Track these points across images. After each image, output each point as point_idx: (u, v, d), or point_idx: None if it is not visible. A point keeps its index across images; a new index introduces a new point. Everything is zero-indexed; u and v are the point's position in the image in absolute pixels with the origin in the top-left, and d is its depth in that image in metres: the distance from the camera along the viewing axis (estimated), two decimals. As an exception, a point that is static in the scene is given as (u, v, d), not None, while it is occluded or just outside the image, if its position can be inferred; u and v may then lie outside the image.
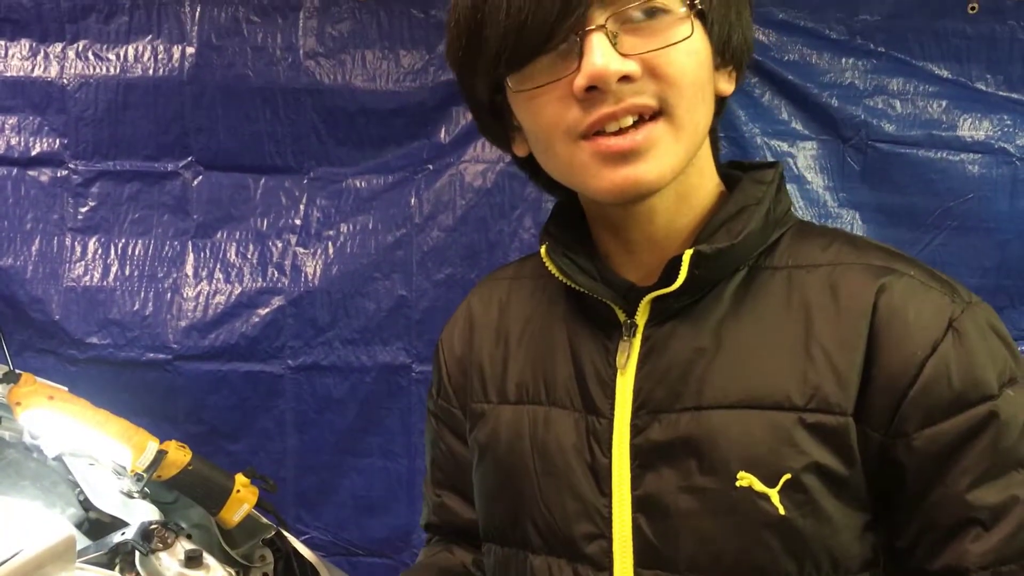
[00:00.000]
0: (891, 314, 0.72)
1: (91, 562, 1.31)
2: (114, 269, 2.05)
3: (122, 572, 1.33)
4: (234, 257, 2.05)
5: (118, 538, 1.36)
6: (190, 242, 2.06)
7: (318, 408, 2.06)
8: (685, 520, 0.74)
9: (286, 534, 1.60)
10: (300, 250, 2.05)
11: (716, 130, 0.86)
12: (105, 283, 2.04)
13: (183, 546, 1.34)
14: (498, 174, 2.01)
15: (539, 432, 0.83)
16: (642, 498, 0.76)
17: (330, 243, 2.05)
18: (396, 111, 2.01)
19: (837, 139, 1.95)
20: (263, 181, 2.06)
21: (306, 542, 1.69)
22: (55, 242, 2.05)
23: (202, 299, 2.04)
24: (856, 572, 0.73)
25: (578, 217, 0.87)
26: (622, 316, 0.80)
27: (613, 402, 0.78)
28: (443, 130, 2.03)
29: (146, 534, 1.34)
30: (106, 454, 1.49)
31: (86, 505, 1.54)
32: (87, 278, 2.04)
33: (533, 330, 0.89)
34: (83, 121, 2.02)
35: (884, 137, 1.92)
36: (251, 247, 2.06)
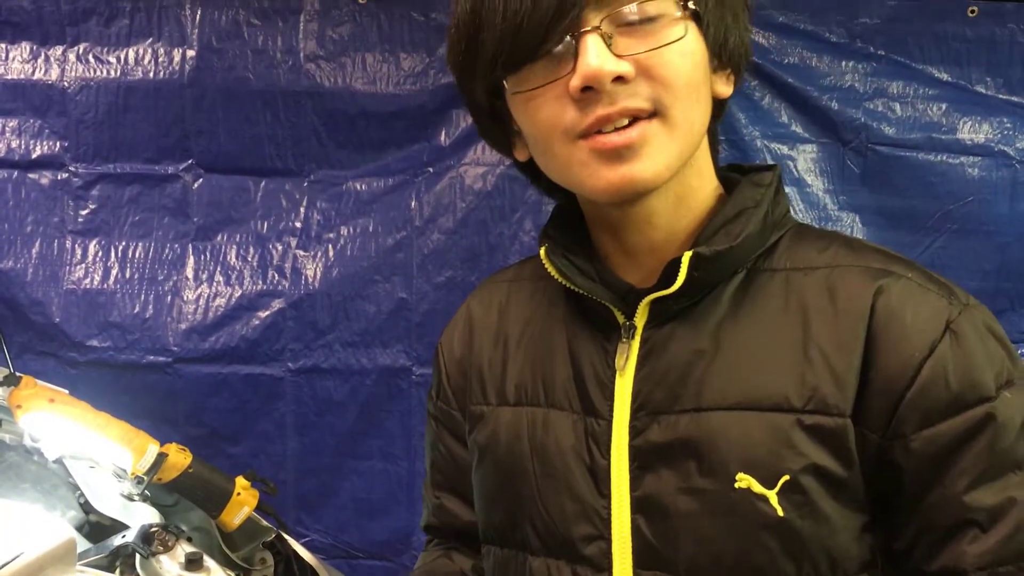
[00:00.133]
0: (889, 316, 0.72)
1: (91, 565, 1.31)
2: (114, 272, 2.05)
3: (122, 575, 1.33)
4: (234, 260, 2.05)
5: (118, 541, 1.36)
6: (190, 245, 2.06)
7: (318, 411, 2.06)
8: (684, 521, 0.74)
9: (286, 537, 1.60)
10: (300, 253, 2.05)
11: (716, 133, 0.87)
12: (105, 286, 2.04)
13: (183, 549, 1.34)
14: (498, 177, 2.01)
15: (538, 434, 0.83)
16: (641, 499, 0.76)
17: (330, 246, 2.05)
18: (396, 114, 2.02)
19: (837, 142, 1.95)
20: (263, 184, 2.06)
21: (306, 545, 1.70)
22: (55, 245, 2.05)
23: (202, 302, 2.04)
24: (854, 573, 0.73)
25: (577, 219, 0.88)
26: (621, 318, 0.80)
27: (612, 404, 0.79)
28: (443, 133, 2.03)
29: (146, 537, 1.34)
30: (106, 457, 1.48)
31: (86, 508, 1.54)
32: (87, 281, 2.04)
33: (532, 332, 0.89)
34: (83, 124, 2.02)
35: (884, 140, 1.92)
36: (251, 250, 2.06)
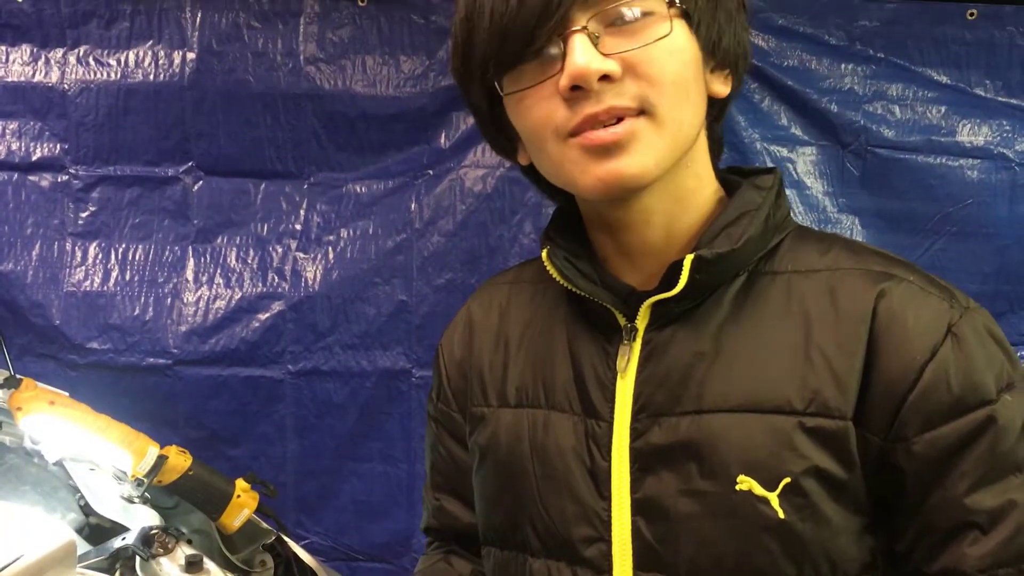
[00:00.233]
0: (891, 319, 0.72)
1: (92, 567, 1.30)
2: (114, 274, 2.05)
3: (122, 577, 1.34)
4: (234, 262, 2.05)
5: (118, 543, 1.36)
6: (190, 247, 2.06)
7: (318, 413, 2.06)
8: (685, 523, 0.74)
9: (286, 539, 1.60)
10: (300, 255, 2.05)
11: (718, 137, 0.87)
12: (105, 288, 2.04)
13: (183, 551, 1.34)
14: (498, 179, 2.01)
15: (539, 435, 0.83)
16: (642, 501, 0.76)
17: (330, 248, 2.05)
18: (396, 116, 2.02)
19: (836, 144, 1.95)
20: (263, 186, 2.06)
21: (306, 547, 1.69)
22: (55, 247, 2.05)
23: (202, 304, 2.04)
24: (855, 575, 0.73)
25: (577, 222, 0.88)
26: (622, 320, 0.80)
27: (613, 406, 0.79)
28: (443, 135, 2.03)
29: (147, 539, 1.34)
30: (107, 459, 1.48)
31: (87, 510, 1.54)
32: (87, 283, 2.04)
33: (533, 334, 0.89)
34: (84, 126, 2.02)
35: (883, 142, 1.92)
36: (251, 252, 2.06)
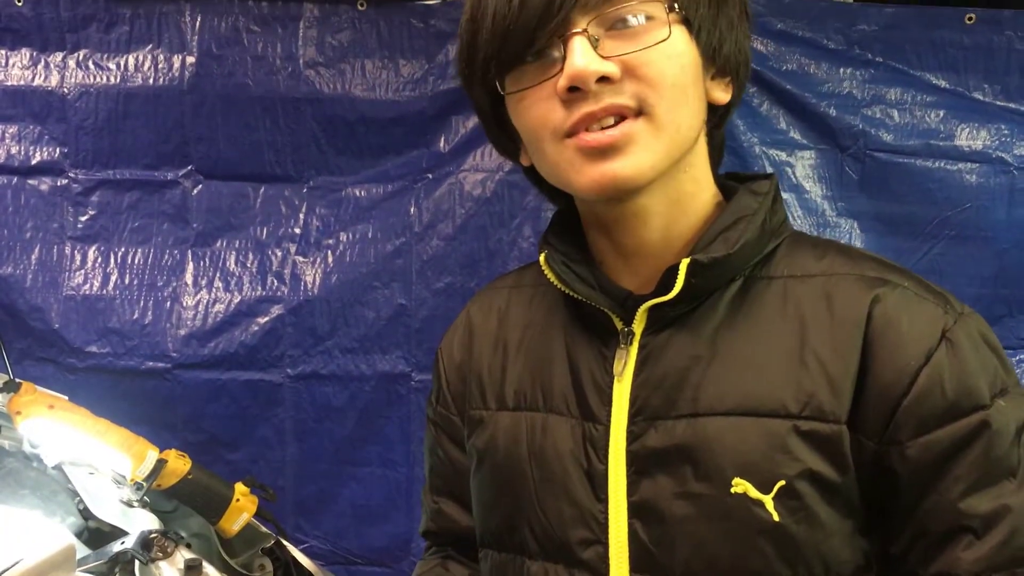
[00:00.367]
0: (886, 324, 0.73)
1: (91, 571, 1.31)
2: (114, 278, 2.05)
3: (121, 581, 1.34)
4: (233, 266, 2.05)
5: (118, 547, 1.36)
6: (190, 251, 2.06)
7: (317, 417, 2.05)
8: (680, 526, 0.74)
9: (285, 543, 1.60)
10: (299, 259, 2.05)
11: (718, 142, 0.88)
12: (105, 292, 2.04)
13: (182, 555, 1.34)
14: (497, 183, 2.01)
15: (536, 438, 0.83)
16: (638, 504, 0.76)
17: (329, 252, 2.05)
18: (396, 120, 2.02)
19: (835, 148, 1.95)
20: (263, 190, 2.06)
21: (305, 551, 1.69)
22: (55, 251, 2.05)
23: (201, 308, 2.04)
24: None
25: (576, 226, 0.88)
26: (619, 324, 0.81)
27: (610, 409, 0.79)
28: (442, 139, 2.04)
29: (146, 543, 1.34)
30: (106, 463, 1.48)
31: (86, 514, 1.54)
32: (87, 287, 2.04)
33: (532, 337, 0.89)
34: (83, 130, 2.03)
35: (882, 146, 1.92)
36: (251, 256, 2.06)
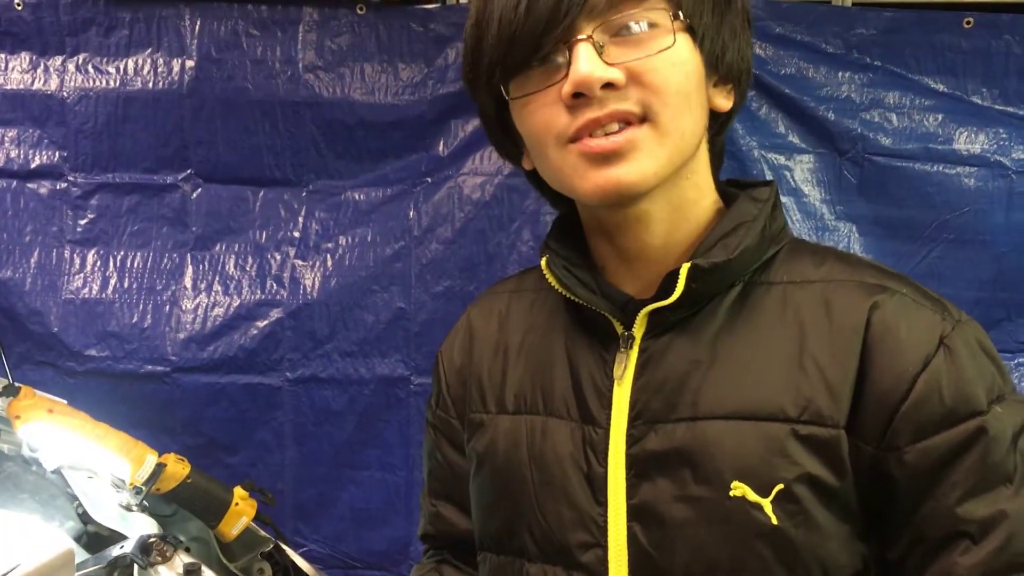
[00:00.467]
0: (884, 330, 0.73)
1: None
2: (113, 281, 2.05)
3: (120, 585, 1.34)
4: (233, 269, 2.06)
5: (116, 552, 1.36)
6: (189, 254, 2.06)
7: (316, 420, 2.05)
8: (679, 529, 0.75)
9: (284, 547, 1.60)
10: (299, 262, 2.05)
11: (720, 150, 0.88)
12: (104, 295, 2.04)
13: (181, 560, 1.34)
14: (496, 187, 2.02)
15: (536, 442, 0.83)
16: (637, 507, 0.77)
17: (329, 255, 2.05)
18: (395, 124, 2.02)
19: (834, 152, 1.95)
20: (262, 194, 2.06)
21: (304, 555, 1.69)
22: (54, 254, 2.05)
23: (201, 311, 2.04)
24: None
25: (577, 231, 0.89)
26: (620, 328, 0.81)
27: (609, 412, 0.79)
28: (442, 143, 2.04)
29: (145, 547, 1.34)
30: (105, 467, 1.49)
31: (85, 518, 1.54)
32: (86, 290, 2.04)
33: (532, 341, 0.90)
34: (83, 134, 2.03)
35: (880, 150, 1.93)
36: (250, 259, 2.06)
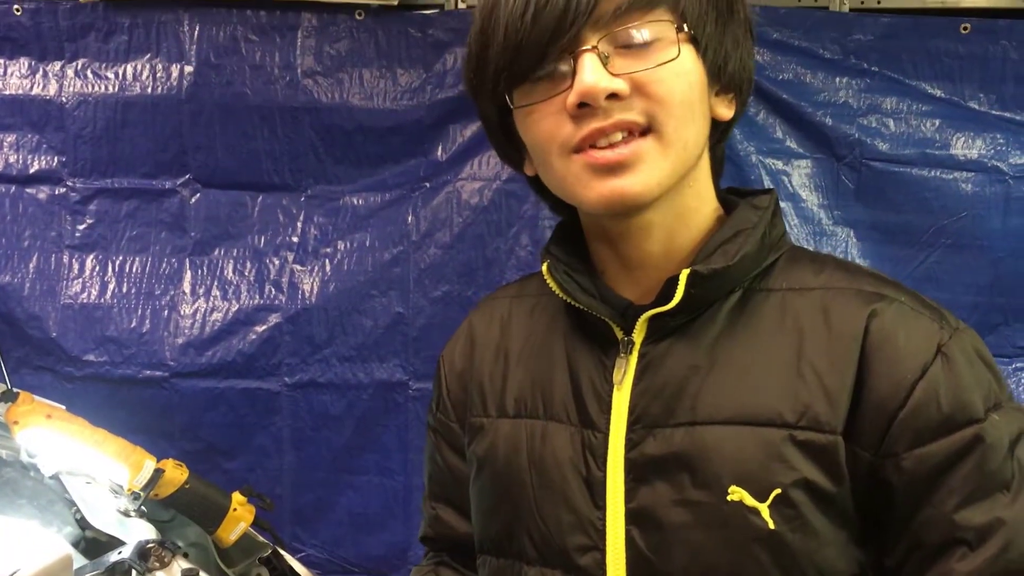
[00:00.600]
0: (883, 338, 0.74)
1: (87, 581, 1.31)
2: (111, 286, 2.05)
3: (118, 591, 1.33)
4: (231, 274, 2.06)
5: (115, 557, 1.36)
6: (187, 259, 2.06)
7: (315, 425, 2.05)
8: (677, 533, 0.75)
9: (282, 552, 1.60)
10: (297, 267, 2.05)
11: (721, 157, 0.89)
12: (102, 300, 2.04)
13: (180, 565, 1.34)
14: (495, 192, 2.02)
15: (536, 446, 0.84)
16: (635, 511, 0.77)
17: (327, 260, 2.05)
18: (393, 129, 2.02)
19: (831, 157, 1.96)
20: (261, 199, 2.06)
21: (302, 560, 1.69)
22: (53, 259, 2.05)
23: (199, 316, 2.04)
24: None
25: (578, 237, 0.89)
26: (620, 333, 0.81)
27: (609, 417, 0.80)
28: (440, 148, 2.04)
29: (143, 553, 1.34)
30: (103, 473, 1.48)
31: (83, 524, 1.53)
32: (84, 295, 2.04)
33: (533, 346, 0.90)
34: (81, 139, 2.03)
35: (878, 156, 1.93)
36: (248, 264, 2.06)
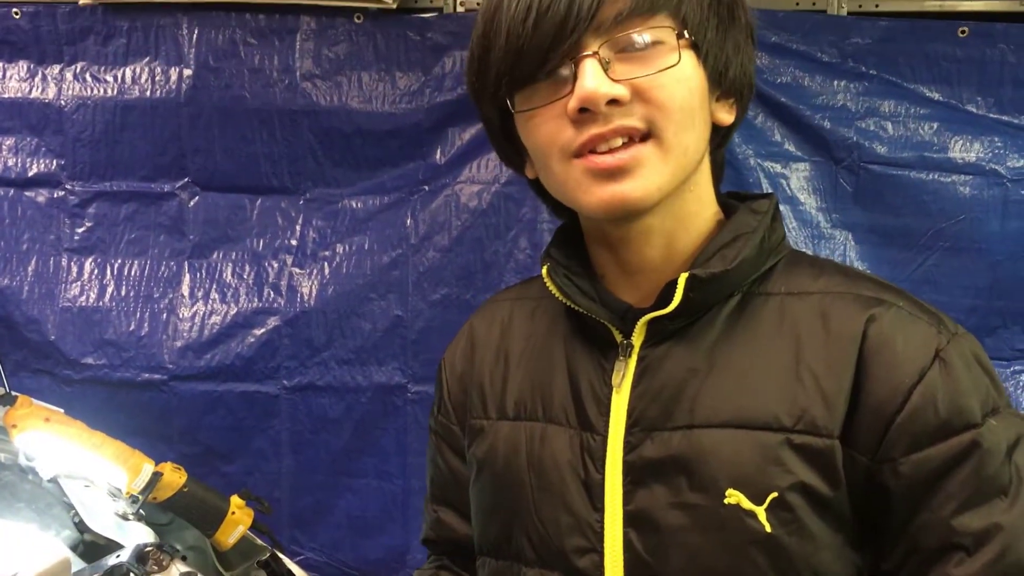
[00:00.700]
0: (880, 343, 0.74)
1: (86, 584, 1.31)
2: (110, 289, 2.05)
3: (117, 594, 1.33)
4: (230, 277, 2.06)
5: (113, 560, 1.36)
6: (186, 262, 2.06)
7: (313, 428, 2.05)
8: (675, 536, 0.75)
9: (281, 556, 1.60)
10: (296, 270, 2.05)
11: (720, 162, 0.89)
12: (101, 303, 2.04)
13: (178, 568, 1.34)
14: (493, 195, 2.02)
15: (535, 448, 0.84)
16: (633, 513, 0.77)
17: (326, 263, 2.05)
18: (392, 132, 2.02)
19: (830, 161, 1.96)
20: (259, 202, 2.06)
21: (301, 563, 1.69)
22: (51, 262, 2.06)
23: (198, 319, 2.04)
24: None
25: (578, 241, 0.90)
26: (619, 337, 0.82)
27: (608, 419, 0.80)
28: (439, 151, 2.04)
29: (141, 556, 1.34)
30: (101, 476, 1.48)
31: (81, 527, 1.53)
32: (83, 298, 2.04)
33: (533, 348, 0.90)
34: (80, 142, 2.03)
35: (876, 159, 1.93)
36: (247, 267, 2.06)
